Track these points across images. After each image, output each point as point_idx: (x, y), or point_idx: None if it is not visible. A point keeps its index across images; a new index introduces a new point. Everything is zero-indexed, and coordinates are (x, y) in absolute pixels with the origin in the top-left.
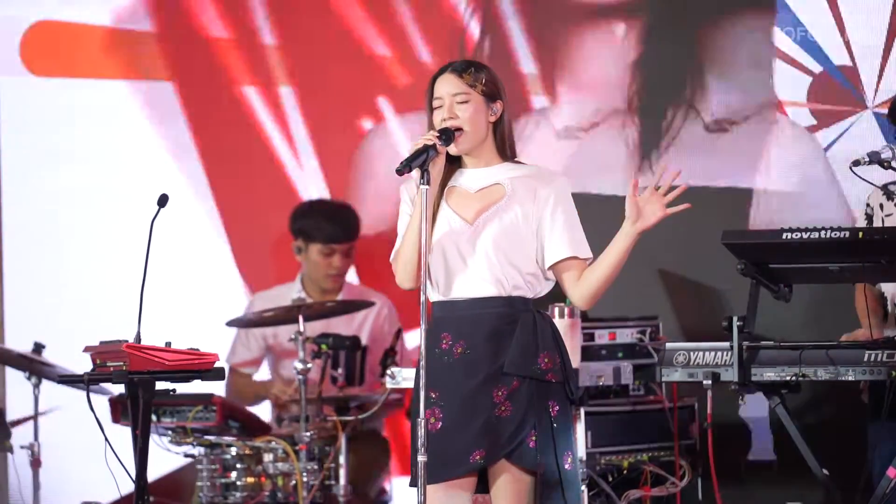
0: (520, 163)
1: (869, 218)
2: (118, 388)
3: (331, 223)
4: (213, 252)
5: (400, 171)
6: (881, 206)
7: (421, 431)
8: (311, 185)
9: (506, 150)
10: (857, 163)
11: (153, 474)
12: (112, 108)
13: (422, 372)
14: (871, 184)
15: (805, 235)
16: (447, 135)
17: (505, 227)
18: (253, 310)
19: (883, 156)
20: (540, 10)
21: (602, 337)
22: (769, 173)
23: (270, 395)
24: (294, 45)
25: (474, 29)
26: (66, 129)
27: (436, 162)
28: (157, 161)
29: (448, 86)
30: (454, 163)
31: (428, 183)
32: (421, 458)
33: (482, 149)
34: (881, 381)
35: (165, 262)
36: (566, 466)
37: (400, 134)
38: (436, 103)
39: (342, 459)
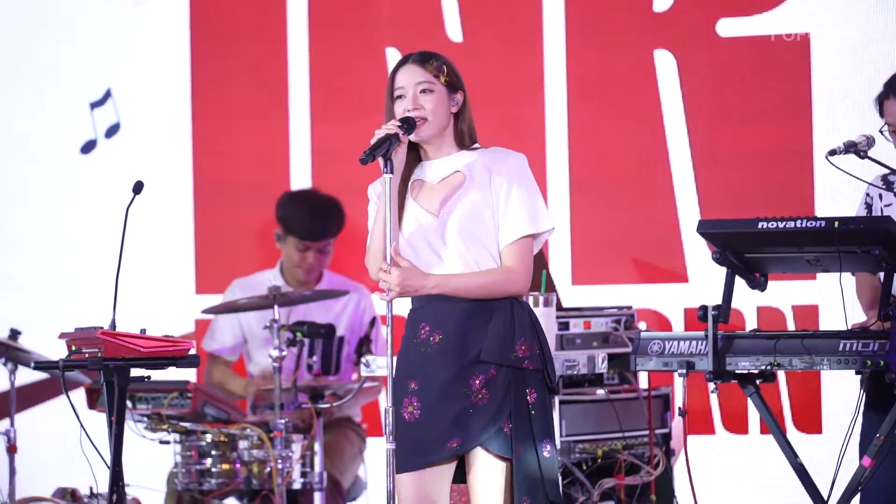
0: (476, 148)
1: (868, 208)
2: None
3: (310, 219)
4: (189, 238)
5: (363, 161)
6: (880, 196)
7: (390, 419)
8: (300, 175)
9: (465, 141)
10: (832, 152)
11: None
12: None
13: (393, 361)
14: (848, 173)
15: (780, 225)
16: (409, 124)
17: (468, 214)
18: (231, 296)
19: (859, 145)
20: None
21: (577, 326)
22: None
23: (245, 395)
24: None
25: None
26: (41, 111)
27: (398, 151)
28: (135, 144)
29: (411, 76)
30: (415, 154)
31: (391, 171)
32: (389, 446)
33: (442, 139)
34: (879, 371)
35: (141, 247)
36: (545, 454)
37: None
38: (397, 93)
39: (317, 447)
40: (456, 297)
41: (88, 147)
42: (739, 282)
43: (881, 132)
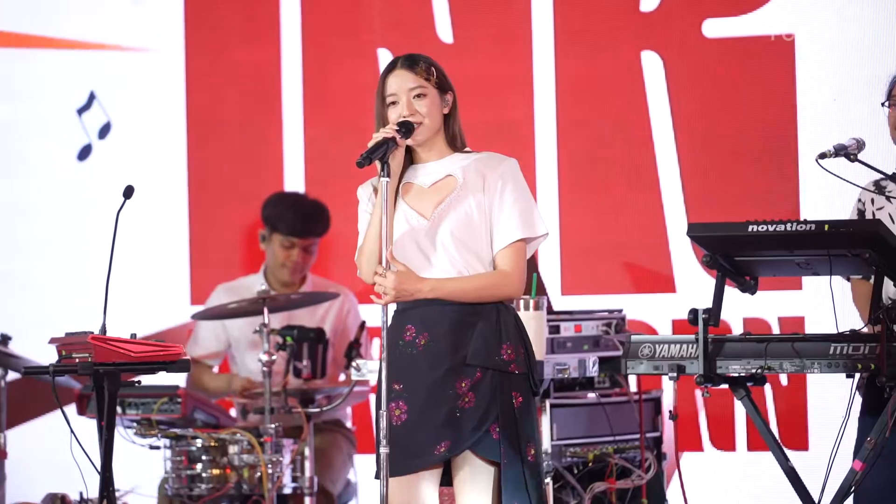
0: (469, 151)
1: (860, 213)
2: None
3: (295, 216)
4: (180, 242)
5: (360, 164)
6: (872, 200)
7: (382, 423)
8: (292, 177)
9: (456, 142)
10: (823, 155)
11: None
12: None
13: (383, 364)
14: (838, 176)
15: (771, 228)
16: (407, 127)
17: (460, 218)
18: (217, 301)
19: (849, 148)
20: None
21: (568, 329)
22: None
23: (231, 391)
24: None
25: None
26: (30, 110)
27: (395, 154)
28: (128, 149)
29: (403, 81)
30: (406, 158)
31: (388, 175)
32: (383, 451)
33: (434, 141)
34: (875, 376)
35: (136, 257)
36: (529, 458)
37: None
38: (389, 99)
39: (307, 451)
40: (443, 301)
41: (85, 152)
42: (729, 288)
43: (882, 104)
